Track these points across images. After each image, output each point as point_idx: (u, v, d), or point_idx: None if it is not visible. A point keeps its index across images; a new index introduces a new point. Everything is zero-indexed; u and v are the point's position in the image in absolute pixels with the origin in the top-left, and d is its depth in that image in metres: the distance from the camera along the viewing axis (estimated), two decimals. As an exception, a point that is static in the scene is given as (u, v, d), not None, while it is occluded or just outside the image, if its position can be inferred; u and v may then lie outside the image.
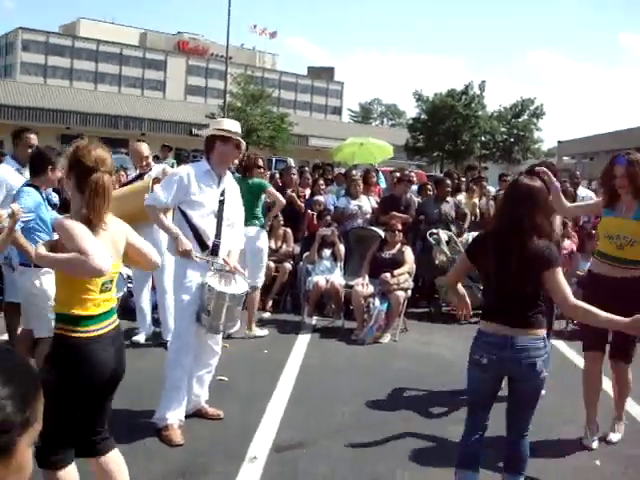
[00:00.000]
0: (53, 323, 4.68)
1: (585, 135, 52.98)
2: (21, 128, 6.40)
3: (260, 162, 7.81)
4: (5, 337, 6.08)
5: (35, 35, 76.38)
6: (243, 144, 4.99)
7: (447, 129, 49.63)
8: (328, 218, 9.25)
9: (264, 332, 7.67)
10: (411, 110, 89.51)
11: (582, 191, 11.23)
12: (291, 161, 27.00)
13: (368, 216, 9.55)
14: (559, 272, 3.54)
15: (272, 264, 8.97)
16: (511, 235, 3.56)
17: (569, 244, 8.97)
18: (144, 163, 7.10)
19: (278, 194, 8.14)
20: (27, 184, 5.06)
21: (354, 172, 10.66)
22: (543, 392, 4.02)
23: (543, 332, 3.60)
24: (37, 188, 5.04)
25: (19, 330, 5.98)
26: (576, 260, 8.79)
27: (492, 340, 3.58)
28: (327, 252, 8.65)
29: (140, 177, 7.11)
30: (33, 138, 6.06)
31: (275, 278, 8.99)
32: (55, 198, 9.43)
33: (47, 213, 5.09)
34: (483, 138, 51.84)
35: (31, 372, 1.18)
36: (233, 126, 4.92)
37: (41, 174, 5.08)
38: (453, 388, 5.80)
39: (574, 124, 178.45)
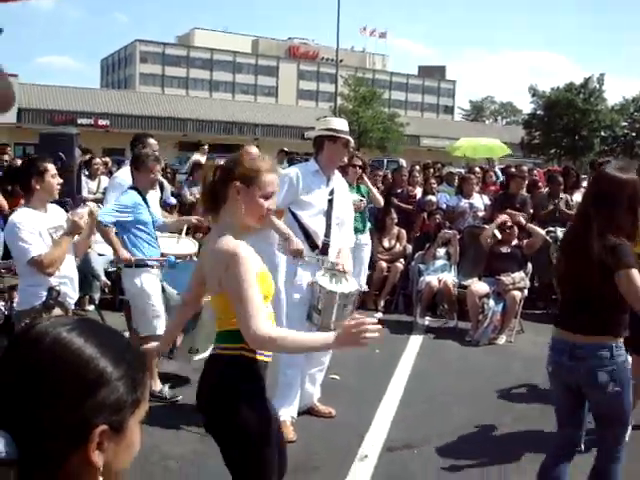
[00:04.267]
0: (158, 322, 4.96)
1: None
2: (140, 134, 6.66)
3: (356, 161, 7.64)
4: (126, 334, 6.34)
5: (152, 47, 79.52)
6: (352, 142, 4.95)
7: (565, 125, 47.93)
8: (438, 217, 9.12)
9: None
10: (526, 107, 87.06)
11: None
12: (403, 161, 26.82)
13: (480, 214, 9.33)
14: (630, 274, 3.06)
15: (384, 264, 8.93)
16: (578, 233, 3.30)
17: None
18: None
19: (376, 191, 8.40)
20: (130, 187, 5.31)
21: (477, 169, 10.53)
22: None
23: (610, 340, 3.19)
24: (138, 190, 5.24)
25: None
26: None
27: (556, 346, 3.33)
28: (441, 251, 8.52)
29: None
30: (153, 143, 6.29)
31: (387, 278, 8.94)
32: (173, 200, 9.85)
33: (147, 215, 5.27)
34: (603, 133, 49.70)
35: (139, 352, 1.23)
36: (341, 125, 4.89)
37: (135, 177, 5.33)
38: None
39: None
